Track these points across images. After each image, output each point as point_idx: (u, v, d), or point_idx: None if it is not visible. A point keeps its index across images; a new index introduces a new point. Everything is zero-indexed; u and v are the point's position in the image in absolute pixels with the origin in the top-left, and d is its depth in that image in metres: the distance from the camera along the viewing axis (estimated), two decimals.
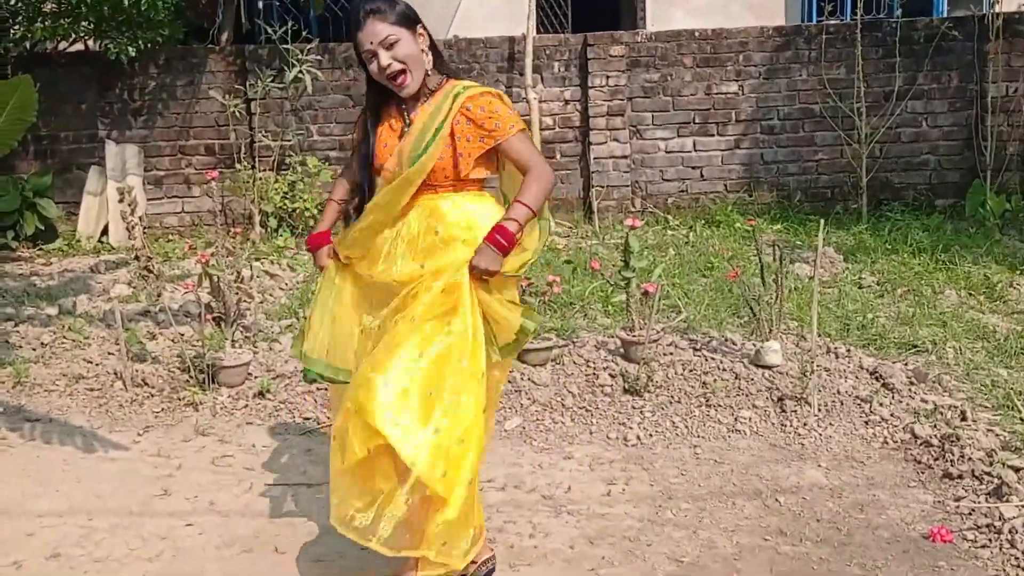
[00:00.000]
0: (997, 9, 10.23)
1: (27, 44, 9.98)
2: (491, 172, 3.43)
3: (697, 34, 10.38)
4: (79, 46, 10.37)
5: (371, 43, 3.20)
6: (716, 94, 10.33)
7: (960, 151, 10.37)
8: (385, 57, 3.20)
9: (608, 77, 10.18)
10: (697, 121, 10.36)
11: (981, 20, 10.22)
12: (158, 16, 9.48)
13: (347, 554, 3.79)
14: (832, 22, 10.56)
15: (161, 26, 9.64)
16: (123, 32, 9.47)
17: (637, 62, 10.26)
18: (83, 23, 9.65)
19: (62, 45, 10.26)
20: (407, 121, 3.36)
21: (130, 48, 9.40)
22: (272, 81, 9.83)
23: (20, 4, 9.76)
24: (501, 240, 3.15)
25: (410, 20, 3.27)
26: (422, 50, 3.29)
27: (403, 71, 3.24)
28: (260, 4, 12.16)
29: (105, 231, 9.86)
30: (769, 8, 12.60)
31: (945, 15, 11.97)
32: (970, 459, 4.42)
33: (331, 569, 3.72)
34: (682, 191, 10.41)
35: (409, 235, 3.33)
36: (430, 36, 3.36)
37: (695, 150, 10.39)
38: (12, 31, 9.97)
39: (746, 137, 10.38)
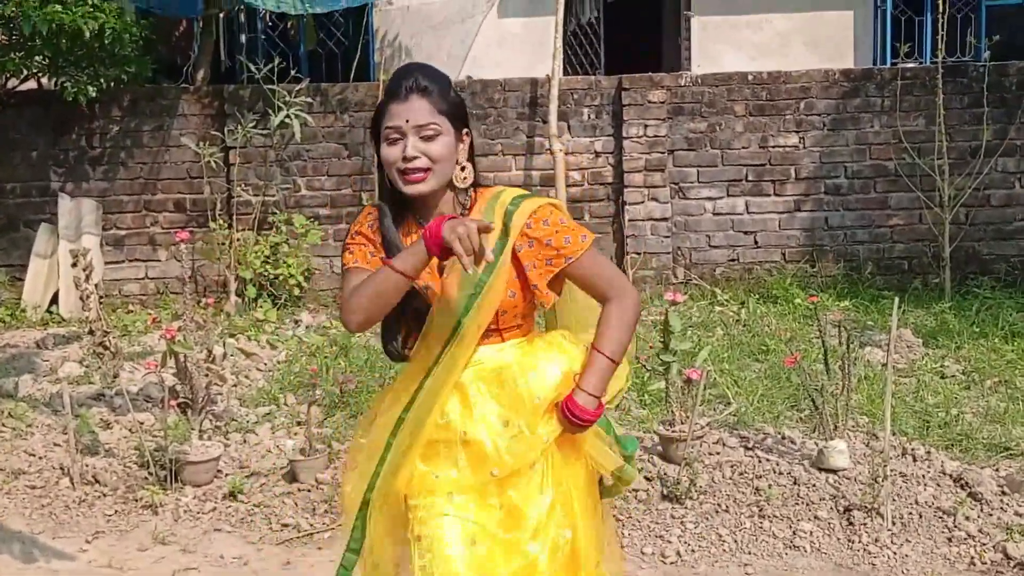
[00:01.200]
0: None
1: None
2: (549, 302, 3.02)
3: (751, 77, 10.47)
4: (31, 84, 10.48)
5: (406, 121, 2.79)
6: (773, 147, 10.39)
7: None
8: (414, 146, 2.79)
9: (646, 126, 10.25)
10: (750, 179, 10.40)
11: None
12: (124, 51, 9.59)
13: None
14: (909, 65, 10.63)
15: (127, 62, 9.74)
16: (82, 69, 9.56)
17: (680, 109, 10.34)
18: (36, 58, 9.76)
19: (11, 83, 10.38)
20: None
21: (90, 87, 9.48)
22: (254, 127, 9.88)
23: None
24: (580, 422, 2.85)
25: (459, 119, 2.88)
26: (458, 161, 2.89)
27: (427, 170, 2.81)
28: (242, 38, 12.27)
29: (55, 299, 9.90)
30: (836, 49, 12.69)
31: None
32: None
33: None
34: (732, 260, 10.43)
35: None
36: (473, 146, 2.96)
37: (748, 212, 10.43)
38: None
39: (808, 198, 10.41)
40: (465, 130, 2.91)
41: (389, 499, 2.95)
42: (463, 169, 2.89)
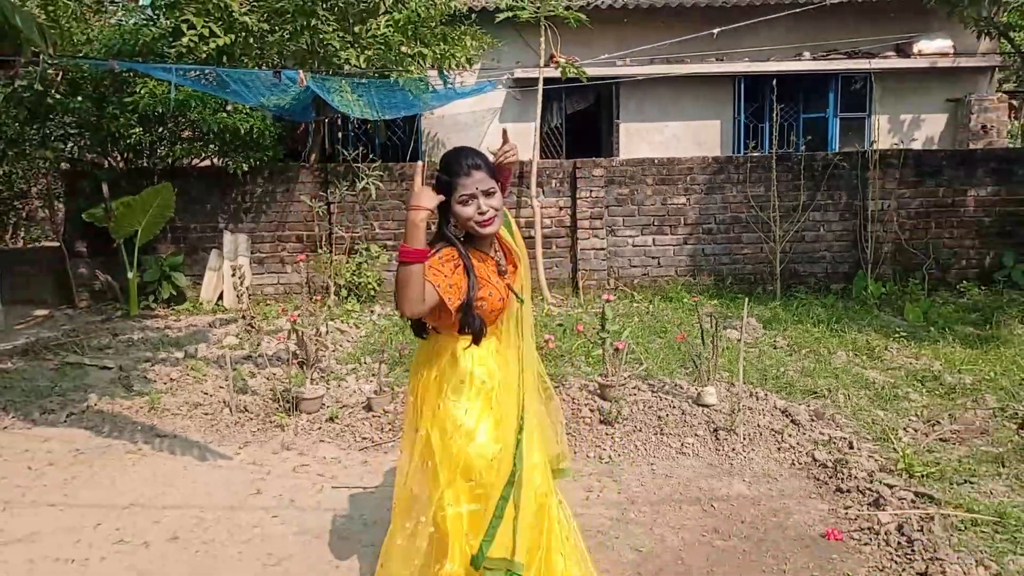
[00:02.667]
0: (875, 147, 10.37)
1: (169, 160, 10.14)
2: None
3: (656, 161, 10.45)
4: (207, 162, 10.51)
5: (476, 188, 2.67)
6: (670, 204, 10.38)
7: (848, 249, 10.39)
8: (484, 203, 2.69)
9: (591, 191, 10.24)
10: (655, 224, 10.39)
11: (863, 155, 10.30)
12: (265, 142, 9.67)
13: None
14: (755, 154, 10.64)
15: (267, 149, 9.80)
16: (239, 152, 9.62)
17: (613, 180, 10.32)
18: (211, 146, 9.83)
19: (195, 161, 10.41)
20: (497, 257, 2.86)
21: (244, 164, 9.55)
22: (346, 189, 9.95)
23: (165, 131, 9.94)
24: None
25: (495, 177, 2.76)
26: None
27: (494, 217, 2.72)
28: (340, 134, 12.31)
29: (221, 297, 9.90)
30: (709, 144, 12.75)
31: (837, 150, 12.07)
32: (856, 478, 4.37)
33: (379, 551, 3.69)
34: (644, 274, 10.42)
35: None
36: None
37: (654, 245, 10.42)
38: (158, 150, 10.15)
39: (692, 236, 10.41)
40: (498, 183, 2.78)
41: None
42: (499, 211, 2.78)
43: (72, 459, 4.95)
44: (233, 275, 8.80)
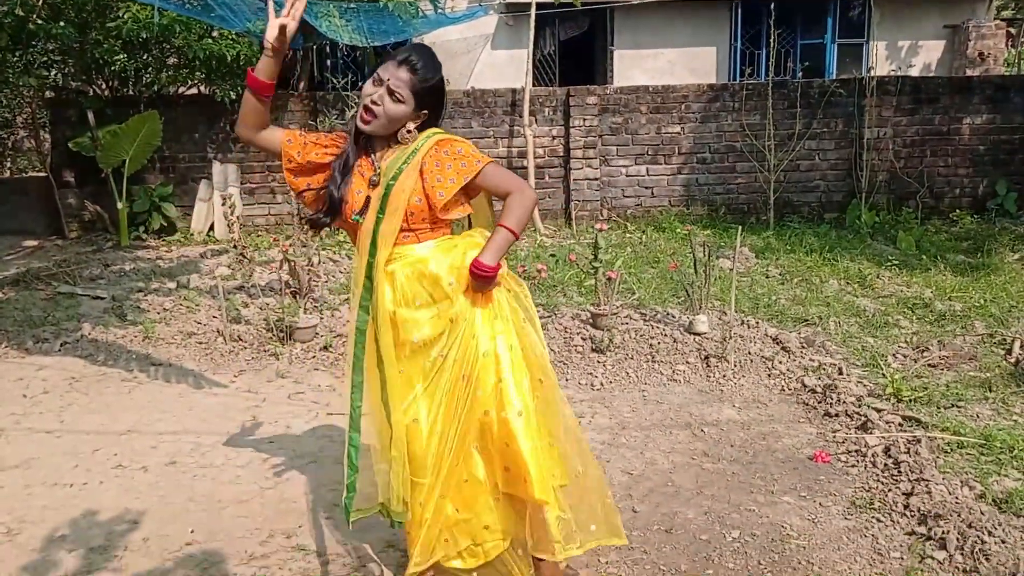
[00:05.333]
0: (872, 74, 10.25)
1: (155, 88, 9.98)
2: (464, 212, 2.59)
3: (651, 89, 10.34)
4: (194, 90, 10.34)
5: (385, 77, 2.43)
6: (664, 133, 10.29)
7: (843, 178, 10.36)
8: (377, 95, 2.43)
9: (585, 120, 10.14)
10: (649, 153, 10.32)
11: (860, 82, 10.19)
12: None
13: None
14: (750, 82, 10.52)
15: None
16: (226, 80, 9.44)
17: (606, 109, 10.21)
18: (197, 73, 9.66)
19: (181, 90, 10.24)
20: (377, 168, 2.52)
21: (231, 92, 9.38)
22: (336, 118, 9.79)
23: (150, 58, 9.75)
24: (482, 275, 2.41)
25: (420, 100, 2.47)
26: (405, 126, 2.49)
27: (375, 116, 2.44)
28: (328, 62, 12.11)
29: (211, 228, 9.84)
30: (704, 71, 12.59)
31: (834, 77, 11.93)
32: (844, 402, 4.44)
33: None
34: (638, 205, 10.39)
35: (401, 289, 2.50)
36: (422, 124, 2.53)
37: (648, 175, 10.36)
38: (144, 78, 9.97)
39: (686, 166, 10.35)
40: (421, 111, 2.50)
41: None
42: (408, 132, 2.49)
43: (68, 387, 4.98)
44: (223, 205, 8.73)
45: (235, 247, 7.05)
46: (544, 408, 2.53)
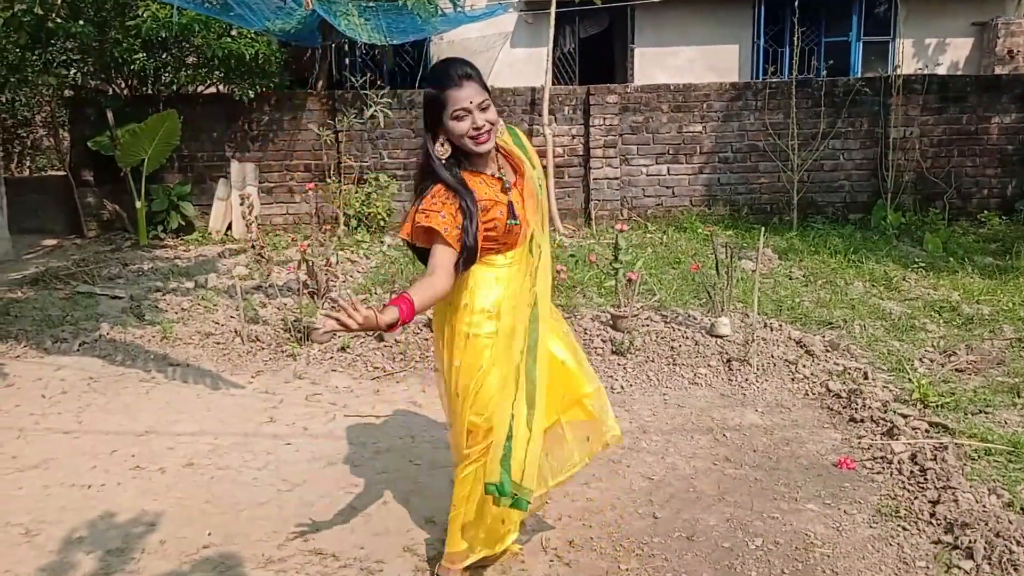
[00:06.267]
0: (898, 72, 10.15)
1: (174, 87, 10.04)
2: None
3: (672, 88, 10.29)
4: (212, 89, 10.40)
5: (470, 103, 2.52)
6: (685, 132, 10.24)
7: (868, 178, 10.27)
8: (480, 117, 2.54)
9: (605, 119, 10.10)
10: (671, 152, 10.27)
11: (886, 80, 10.10)
12: (271, 68, 9.56)
13: (402, 469, 3.81)
14: (774, 80, 10.45)
15: (273, 75, 9.69)
16: (245, 79, 9.51)
17: (627, 107, 10.17)
18: (216, 72, 9.71)
19: (200, 89, 10.30)
20: (501, 175, 2.69)
21: (250, 91, 9.46)
22: (355, 117, 9.82)
23: (169, 57, 9.81)
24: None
25: (488, 89, 2.62)
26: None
27: (490, 131, 2.58)
28: (347, 60, 12.14)
29: (229, 227, 9.91)
30: (726, 69, 12.51)
31: (859, 75, 11.82)
32: (869, 408, 4.39)
33: (391, 477, 3.75)
34: (658, 204, 10.34)
35: None
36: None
37: (669, 174, 10.31)
38: (163, 77, 10.03)
39: (707, 165, 10.29)
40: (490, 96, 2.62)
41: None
42: (495, 124, 2.62)
43: (86, 387, 5.02)
44: (241, 204, 8.77)
45: (253, 247, 7.09)
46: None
